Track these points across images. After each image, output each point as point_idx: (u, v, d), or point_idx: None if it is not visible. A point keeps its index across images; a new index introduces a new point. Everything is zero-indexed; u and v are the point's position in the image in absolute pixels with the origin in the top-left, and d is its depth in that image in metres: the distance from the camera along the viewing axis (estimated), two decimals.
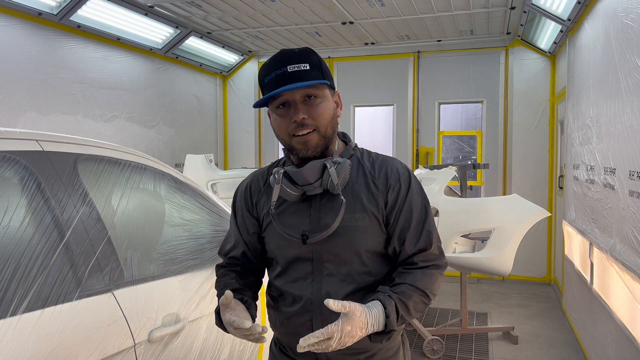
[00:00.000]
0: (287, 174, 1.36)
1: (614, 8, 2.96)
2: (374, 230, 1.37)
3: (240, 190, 1.55)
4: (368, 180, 1.39)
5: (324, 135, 1.34)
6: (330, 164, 1.32)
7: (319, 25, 5.40)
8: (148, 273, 1.84)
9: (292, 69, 1.30)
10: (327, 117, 1.34)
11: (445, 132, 6.36)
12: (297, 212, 1.39)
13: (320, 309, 1.34)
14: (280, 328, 1.47)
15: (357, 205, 1.36)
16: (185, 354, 1.90)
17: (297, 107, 1.31)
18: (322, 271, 1.37)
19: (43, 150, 1.64)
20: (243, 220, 1.52)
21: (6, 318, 1.33)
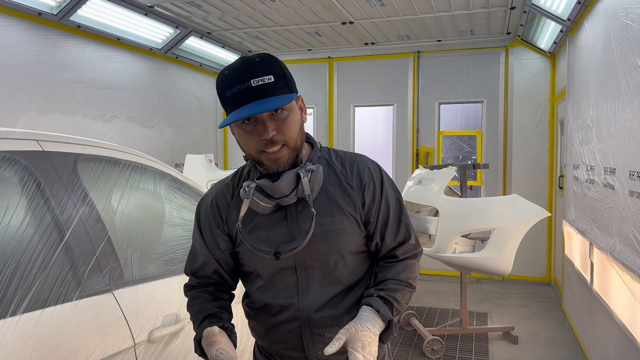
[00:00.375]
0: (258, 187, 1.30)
1: (614, 8, 2.96)
2: (354, 231, 1.36)
3: (205, 206, 1.45)
4: (341, 181, 1.37)
5: (294, 149, 1.29)
6: (304, 174, 1.29)
7: (319, 25, 5.40)
8: (148, 273, 1.84)
9: (256, 82, 1.21)
10: (296, 130, 1.28)
11: (445, 132, 6.36)
12: (272, 223, 1.35)
13: (308, 316, 1.35)
14: (265, 337, 1.43)
15: (335, 208, 1.34)
16: (185, 354, 1.90)
17: (265, 124, 1.23)
18: (307, 278, 1.35)
19: (43, 150, 1.64)
20: (212, 237, 1.42)
21: (6, 318, 1.33)
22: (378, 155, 6.56)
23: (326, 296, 1.36)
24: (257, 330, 1.46)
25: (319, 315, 1.35)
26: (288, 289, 1.36)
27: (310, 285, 1.36)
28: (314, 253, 1.33)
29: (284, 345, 1.40)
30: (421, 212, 4.25)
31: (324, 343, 1.34)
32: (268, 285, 1.39)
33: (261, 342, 1.47)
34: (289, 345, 1.39)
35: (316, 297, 1.35)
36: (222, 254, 1.43)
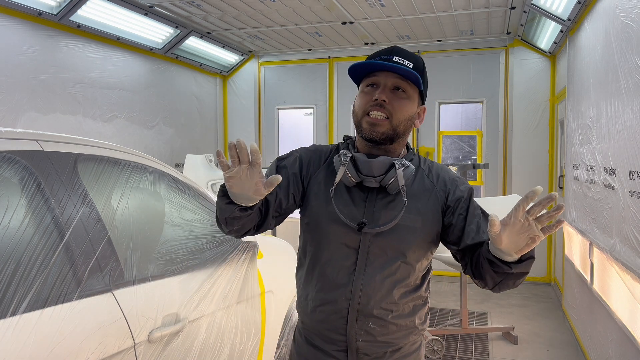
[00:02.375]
0: (353, 159, 1.38)
1: (614, 8, 2.96)
2: (425, 233, 1.41)
3: (304, 151, 1.52)
4: (426, 184, 1.44)
5: (394, 128, 1.37)
6: (399, 165, 1.36)
7: (319, 25, 5.40)
8: (148, 273, 1.84)
9: (397, 60, 1.36)
10: (406, 114, 1.38)
11: (445, 132, 6.36)
12: (351, 200, 1.41)
13: (359, 300, 1.38)
14: (312, 314, 1.45)
15: (412, 207, 1.39)
16: (185, 354, 1.90)
17: (384, 89, 1.36)
18: (367, 263, 1.39)
19: (43, 150, 1.64)
20: (288, 174, 1.46)
21: (6, 318, 1.33)
22: None
23: (380, 286, 1.38)
24: (304, 305, 1.48)
25: (369, 303, 1.38)
26: (346, 268, 1.39)
27: (367, 271, 1.38)
28: (381, 241, 1.38)
29: (328, 325, 1.42)
30: None
31: (367, 332, 1.39)
32: (328, 258, 1.42)
33: (306, 320, 1.49)
34: (332, 326, 1.42)
35: (371, 284, 1.38)
36: (283, 191, 1.44)
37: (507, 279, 1.28)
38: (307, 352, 1.48)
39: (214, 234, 2.23)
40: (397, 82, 1.37)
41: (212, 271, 2.13)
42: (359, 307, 1.38)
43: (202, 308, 2.03)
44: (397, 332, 1.42)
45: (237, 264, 2.27)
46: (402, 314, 1.42)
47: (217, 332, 2.09)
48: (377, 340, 1.41)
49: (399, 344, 1.44)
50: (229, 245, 2.27)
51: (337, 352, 1.43)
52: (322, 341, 1.45)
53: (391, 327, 1.42)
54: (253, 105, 6.89)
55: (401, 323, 1.43)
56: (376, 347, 1.42)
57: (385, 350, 1.43)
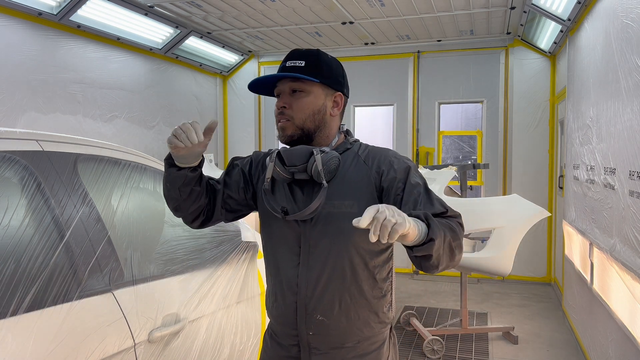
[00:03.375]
0: (279, 155, 1.45)
1: (614, 8, 2.96)
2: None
3: (256, 154, 1.61)
4: (360, 169, 1.44)
5: (300, 127, 1.44)
6: (317, 152, 1.40)
7: (319, 25, 5.40)
8: (148, 273, 1.84)
9: (290, 64, 1.45)
10: (307, 111, 1.44)
11: (445, 132, 6.36)
12: (292, 196, 1.47)
13: (305, 292, 1.41)
14: (271, 309, 1.53)
15: (348, 193, 1.41)
16: (185, 354, 1.90)
17: (282, 96, 1.46)
18: (309, 256, 1.42)
19: (43, 150, 1.64)
20: (240, 171, 1.57)
21: (6, 318, 1.33)
22: None
23: (324, 277, 1.40)
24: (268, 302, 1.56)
25: (314, 295, 1.41)
26: (291, 260, 1.44)
27: (310, 264, 1.41)
28: (318, 230, 1.41)
29: (283, 320, 1.48)
30: None
31: (317, 325, 1.41)
32: (276, 254, 1.49)
33: (269, 315, 1.56)
34: (286, 320, 1.47)
35: (314, 276, 1.40)
36: (232, 185, 1.55)
37: (418, 261, 1.20)
38: (270, 347, 1.55)
39: (214, 234, 2.23)
40: (292, 85, 1.45)
41: (212, 271, 2.13)
42: (305, 300, 1.41)
43: (202, 308, 2.03)
44: (350, 326, 1.41)
45: (237, 264, 2.27)
46: (354, 305, 1.40)
47: (217, 332, 2.09)
48: (328, 334, 1.42)
49: (354, 338, 1.42)
50: (229, 245, 2.27)
51: (292, 347, 1.48)
52: (280, 336, 1.52)
53: (342, 320, 1.40)
54: (253, 105, 6.89)
55: (353, 315, 1.41)
56: (328, 341, 1.42)
57: (338, 345, 1.42)
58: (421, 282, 5.98)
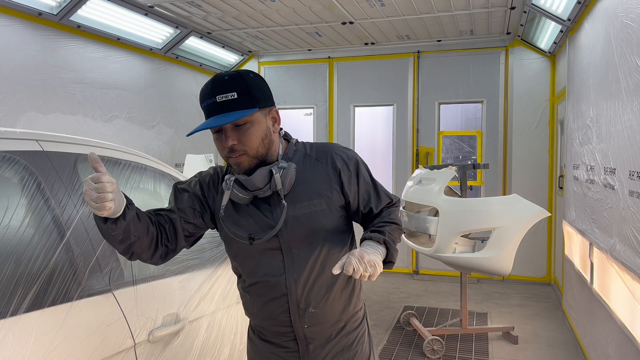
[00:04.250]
0: (237, 180, 1.46)
1: (614, 8, 2.96)
2: (332, 211, 1.52)
3: (202, 176, 1.60)
4: (317, 168, 1.54)
5: (255, 156, 1.45)
6: (276, 170, 1.45)
7: (319, 25, 5.40)
8: (148, 273, 1.84)
9: (221, 99, 1.39)
10: (257, 140, 1.44)
11: (445, 132, 6.36)
12: (253, 214, 1.50)
13: (295, 292, 1.49)
14: (257, 314, 1.58)
15: (312, 192, 1.50)
16: (185, 354, 1.90)
17: (227, 134, 1.42)
18: (292, 258, 1.49)
19: (43, 150, 1.64)
20: (192, 196, 1.54)
21: (6, 318, 1.33)
22: (378, 156, 6.56)
23: (310, 273, 1.50)
24: (250, 308, 1.61)
25: (305, 291, 1.50)
26: (275, 268, 1.50)
27: (295, 264, 1.49)
28: (296, 235, 1.48)
29: (274, 322, 1.55)
30: (421, 212, 4.24)
31: (310, 318, 1.52)
32: (256, 266, 1.52)
33: (254, 321, 1.63)
34: (278, 322, 1.54)
35: (301, 274, 1.49)
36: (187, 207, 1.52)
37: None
38: (262, 346, 1.61)
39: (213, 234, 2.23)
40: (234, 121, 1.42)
41: (212, 271, 2.13)
42: (297, 298, 1.50)
43: (202, 308, 2.03)
44: (336, 309, 1.54)
45: None
46: (338, 291, 1.54)
47: (217, 332, 2.09)
48: (321, 323, 1.53)
49: (341, 321, 1.57)
50: None
51: (288, 342, 1.56)
52: (272, 335, 1.58)
53: (331, 307, 1.53)
54: None
55: (337, 298, 1.54)
56: (322, 330, 1.54)
57: (330, 331, 1.56)
58: (421, 282, 5.99)
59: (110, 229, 1.31)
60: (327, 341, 1.56)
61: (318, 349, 1.55)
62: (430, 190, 3.81)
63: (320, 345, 1.55)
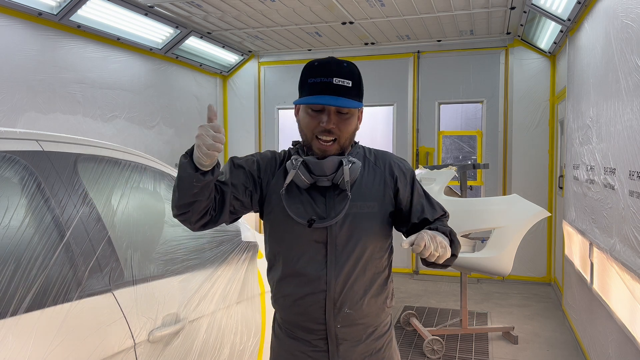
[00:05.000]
0: (305, 163, 1.48)
1: (614, 8, 2.96)
2: (382, 216, 1.54)
3: (260, 157, 1.59)
4: (375, 171, 1.57)
5: (342, 146, 1.51)
6: (346, 162, 1.48)
7: (319, 25, 5.40)
8: (148, 273, 1.84)
9: (337, 82, 1.42)
10: (351, 131, 1.51)
11: (445, 132, 6.36)
12: (310, 201, 1.51)
13: (334, 289, 1.49)
14: (290, 308, 1.55)
15: (367, 194, 1.53)
16: (185, 354, 1.90)
17: (330, 115, 1.45)
18: (336, 254, 1.49)
19: (43, 150, 1.64)
20: (247, 173, 1.53)
21: (6, 318, 1.33)
22: None
23: (352, 273, 1.50)
24: (282, 302, 1.57)
25: (344, 291, 1.49)
26: (317, 262, 1.50)
27: (337, 261, 1.49)
28: (344, 232, 1.49)
29: (307, 317, 1.53)
30: None
31: (344, 318, 1.51)
32: (300, 255, 1.51)
33: (284, 315, 1.59)
34: (311, 317, 1.52)
35: (343, 272, 1.49)
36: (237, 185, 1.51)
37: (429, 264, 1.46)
38: (288, 344, 1.58)
39: (214, 234, 2.23)
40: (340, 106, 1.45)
41: (212, 271, 2.13)
42: (334, 295, 1.49)
43: (202, 308, 2.03)
44: (370, 313, 1.55)
45: (237, 264, 2.27)
46: (373, 294, 1.54)
47: (217, 332, 2.09)
48: (355, 324, 1.52)
49: (373, 324, 1.57)
50: (229, 245, 2.27)
51: (317, 340, 1.54)
52: (302, 332, 1.55)
53: (365, 309, 1.53)
54: (253, 105, 6.89)
55: (373, 303, 1.55)
56: (354, 331, 1.54)
57: (362, 333, 1.55)
58: (421, 282, 5.99)
59: (197, 178, 1.34)
60: (358, 343, 1.55)
61: (348, 350, 1.54)
62: (430, 190, 3.81)
63: (350, 347, 1.54)
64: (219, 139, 1.29)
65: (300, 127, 1.52)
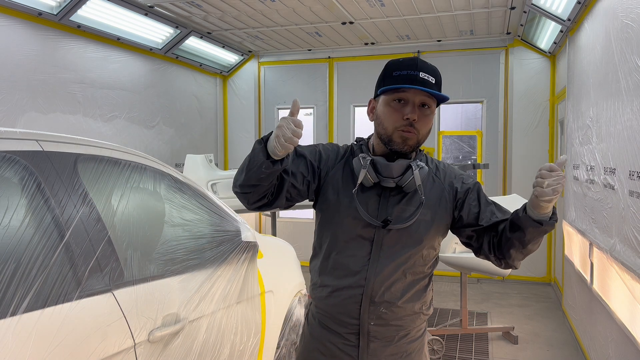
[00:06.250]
0: (373, 162, 1.50)
1: (614, 8, 2.96)
2: (434, 226, 1.54)
3: (323, 148, 1.63)
4: (434, 182, 1.57)
5: (419, 141, 1.51)
6: (416, 167, 1.49)
7: (319, 25, 5.40)
8: (148, 273, 1.84)
9: (423, 76, 1.48)
10: (428, 127, 1.52)
11: (445, 132, 6.36)
12: (367, 199, 1.53)
13: (372, 287, 1.50)
14: (327, 299, 1.56)
15: (425, 201, 1.52)
16: (185, 354, 1.90)
17: (414, 108, 1.47)
18: (380, 253, 1.51)
19: (43, 150, 1.64)
20: (308, 163, 1.56)
21: (6, 318, 1.33)
22: None
23: (392, 274, 1.51)
24: (320, 292, 1.59)
25: (382, 290, 1.50)
26: (361, 257, 1.51)
27: (380, 260, 1.50)
28: (395, 234, 1.50)
29: (342, 309, 1.54)
30: None
31: (378, 316, 1.52)
32: (344, 248, 1.53)
33: (320, 305, 1.60)
34: (346, 310, 1.53)
35: (383, 272, 1.50)
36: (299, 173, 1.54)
37: (537, 242, 1.45)
38: (320, 333, 1.60)
39: (214, 234, 2.23)
40: (424, 99, 1.48)
41: (212, 271, 2.13)
42: (371, 293, 1.50)
43: (202, 308, 2.02)
44: (405, 316, 1.55)
45: (237, 264, 2.27)
46: (411, 299, 1.54)
47: (217, 332, 2.09)
48: (388, 324, 1.53)
49: (406, 328, 1.56)
50: (229, 245, 2.27)
51: (349, 334, 1.55)
52: (335, 324, 1.57)
53: (400, 312, 1.53)
54: (253, 105, 6.89)
55: (409, 308, 1.54)
56: (386, 330, 1.54)
57: (394, 334, 1.55)
58: None
59: (266, 165, 1.38)
60: (389, 344, 1.55)
61: (379, 349, 1.54)
62: None
63: (381, 346, 1.55)
64: (297, 134, 1.34)
65: (379, 121, 1.53)
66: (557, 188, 1.34)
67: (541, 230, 1.41)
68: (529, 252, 1.48)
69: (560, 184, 1.34)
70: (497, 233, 1.50)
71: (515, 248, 1.45)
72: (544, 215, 1.41)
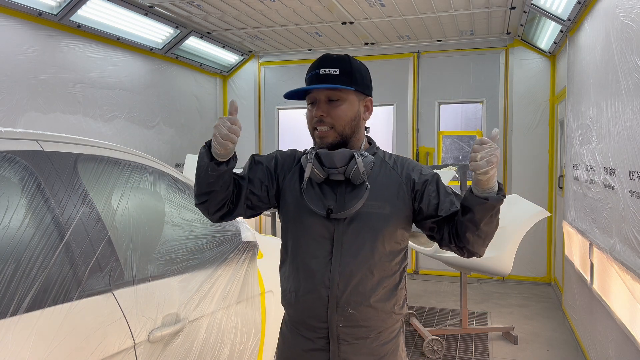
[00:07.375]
0: (318, 155, 1.51)
1: (614, 8, 2.96)
2: (395, 219, 1.52)
3: (280, 153, 1.66)
4: (391, 175, 1.56)
5: (341, 134, 1.52)
6: (358, 155, 1.49)
7: (319, 25, 5.40)
8: (148, 273, 1.84)
9: (324, 72, 1.50)
10: (346, 118, 1.51)
11: (445, 132, 6.36)
12: (322, 194, 1.54)
13: (337, 287, 1.48)
14: (295, 305, 1.55)
15: (379, 194, 1.52)
16: (185, 354, 1.90)
17: (319, 105, 1.51)
18: (342, 251, 1.49)
19: (43, 150, 1.64)
20: (264, 169, 1.60)
21: (6, 318, 1.33)
22: None
23: (356, 273, 1.49)
24: (288, 298, 1.58)
25: (348, 290, 1.48)
26: (323, 257, 1.50)
27: (342, 259, 1.49)
28: (353, 229, 1.49)
29: (311, 314, 1.53)
30: None
31: (347, 318, 1.49)
32: (306, 250, 1.53)
33: (290, 311, 1.60)
34: (314, 314, 1.52)
35: (347, 271, 1.48)
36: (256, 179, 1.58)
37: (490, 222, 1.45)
38: (293, 341, 1.59)
39: (214, 234, 2.23)
40: (328, 94, 1.51)
41: (212, 271, 2.13)
42: (337, 294, 1.48)
43: (202, 308, 2.03)
44: (376, 317, 1.52)
45: (237, 264, 2.27)
46: (380, 298, 1.51)
47: (217, 332, 2.09)
48: (357, 326, 1.50)
49: (377, 328, 1.53)
50: (229, 245, 2.27)
51: (319, 339, 1.53)
52: (305, 329, 1.56)
53: (370, 312, 1.51)
54: (253, 105, 6.89)
55: (379, 307, 1.51)
56: (356, 332, 1.51)
57: (365, 335, 1.52)
58: (421, 282, 5.99)
59: (211, 167, 1.42)
60: (361, 346, 1.52)
61: (350, 352, 1.51)
62: None
63: (352, 349, 1.52)
64: (233, 130, 1.38)
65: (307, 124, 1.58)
66: (490, 159, 1.32)
67: (488, 207, 1.40)
68: (486, 236, 1.47)
69: (494, 154, 1.32)
70: (455, 222, 1.50)
71: (470, 231, 1.44)
72: (490, 191, 1.40)
